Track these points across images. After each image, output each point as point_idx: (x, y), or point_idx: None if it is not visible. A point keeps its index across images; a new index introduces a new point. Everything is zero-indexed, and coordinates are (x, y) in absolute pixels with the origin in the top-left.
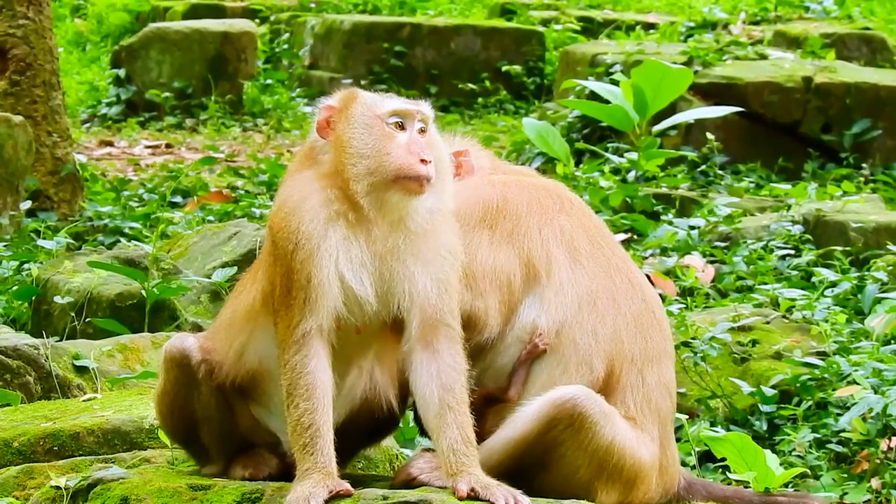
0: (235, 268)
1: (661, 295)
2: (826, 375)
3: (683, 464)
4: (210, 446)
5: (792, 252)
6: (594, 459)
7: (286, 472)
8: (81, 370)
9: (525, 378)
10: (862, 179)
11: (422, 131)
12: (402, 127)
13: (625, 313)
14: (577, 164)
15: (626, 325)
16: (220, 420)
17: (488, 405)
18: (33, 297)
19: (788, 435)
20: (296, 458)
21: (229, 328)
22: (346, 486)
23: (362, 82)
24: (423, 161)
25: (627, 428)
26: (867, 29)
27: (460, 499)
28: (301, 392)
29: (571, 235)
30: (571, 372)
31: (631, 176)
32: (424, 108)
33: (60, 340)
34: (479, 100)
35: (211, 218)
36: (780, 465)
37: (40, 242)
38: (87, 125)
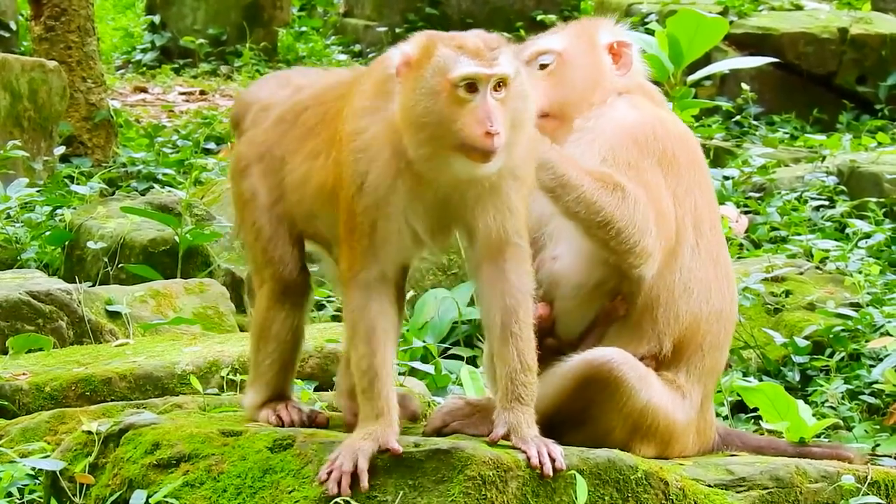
0: None
1: None
2: (859, 327)
3: (717, 415)
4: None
5: (826, 203)
6: (628, 421)
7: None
8: (114, 315)
9: (597, 339)
10: None
11: (500, 87)
12: (474, 89)
13: (712, 304)
14: None
15: (708, 315)
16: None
17: (554, 356)
18: (66, 243)
19: (821, 386)
20: (358, 401)
21: (301, 187)
22: (395, 444)
23: (397, 30)
24: (489, 133)
25: (663, 390)
26: None
27: (492, 443)
28: (361, 335)
29: (701, 214)
30: (643, 345)
31: None
32: (504, 66)
33: (93, 286)
34: None
35: None
36: (813, 416)
37: (74, 188)
38: (122, 71)
